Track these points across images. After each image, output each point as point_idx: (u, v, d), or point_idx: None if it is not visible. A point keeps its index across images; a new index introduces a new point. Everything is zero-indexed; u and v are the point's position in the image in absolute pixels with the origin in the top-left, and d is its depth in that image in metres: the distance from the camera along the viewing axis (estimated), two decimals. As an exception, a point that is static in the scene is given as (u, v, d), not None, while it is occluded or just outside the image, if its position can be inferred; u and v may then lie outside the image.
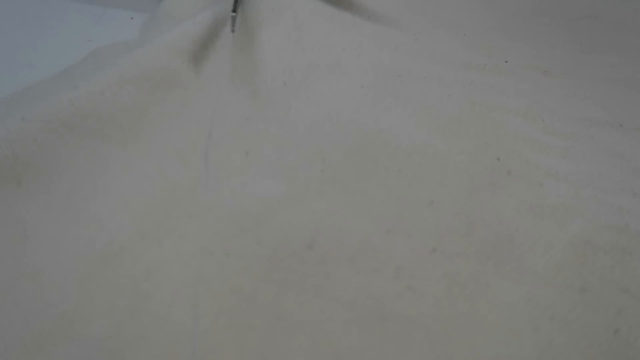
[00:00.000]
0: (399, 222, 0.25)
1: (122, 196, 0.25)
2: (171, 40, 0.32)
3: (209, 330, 0.21)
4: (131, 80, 0.29)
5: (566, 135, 0.31)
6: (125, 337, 0.20)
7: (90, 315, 0.21)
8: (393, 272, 0.23)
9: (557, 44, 0.40)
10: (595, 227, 0.26)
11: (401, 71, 0.34)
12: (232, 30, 0.34)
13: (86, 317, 0.21)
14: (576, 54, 0.39)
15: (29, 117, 0.26)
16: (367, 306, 0.22)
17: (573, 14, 0.43)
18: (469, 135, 0.30)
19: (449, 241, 0.24)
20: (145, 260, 0.23)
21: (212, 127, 0.29)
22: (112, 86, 0.28)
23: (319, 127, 0.29)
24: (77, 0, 0.43)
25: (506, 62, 0.37)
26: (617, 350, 0.21)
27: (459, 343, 0.21)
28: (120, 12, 0.42)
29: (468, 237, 0.25)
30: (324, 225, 0.24)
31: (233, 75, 0.32)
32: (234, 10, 0.34)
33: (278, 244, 0.24)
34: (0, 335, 0.20)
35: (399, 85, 0.33)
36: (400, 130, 0.29)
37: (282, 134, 0.29)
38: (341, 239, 0.24)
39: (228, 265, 0.23)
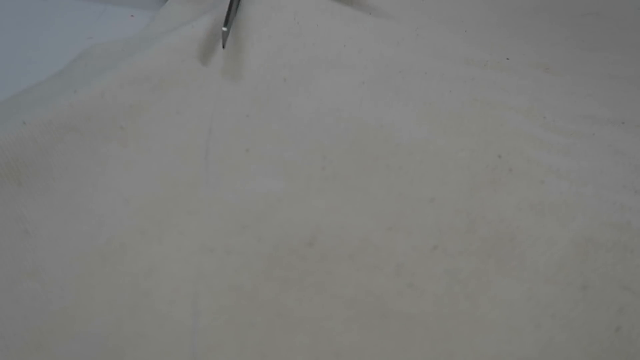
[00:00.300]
0: (399, 219, 0.25)
1: (122, 193, 0.25)
2: (170, 42, 0.32)
3: (209, 327, 0.21)
4: (130, 81, 0.29)
5: (568, 133, 0.31)
6: (125, 334, 0.20)
7: (90, 312, 0.21)
8: (394, 270, 0.23)
9: (559, 41, 0.40)
10: (597, 224, 0.26)
11: (402, 67, 0.34)
12: (223, 47, 0.32)
13: (86, 315, 0.21)
14: (578, 51, 0.39)
15: (29, 120, 0.26)
16: (367, 304, 0.22)
17: (575, 11, 0.43)
18: (470, 132, 0.30)
19: (450, 239, 0.24)
20: (145, 258, 0.23)
21: (212, 124, 0.29)
22: (111, 88, 0.28)
23: (319, 122, 0.29)
24: (78, -3, 0.43)
25: (508, 59, 0.37)
26: (619, 348, 0.21)
27: (459, 341, 0.21)
28: (120, 9, 0.42)
29: (469, 235, 0.25)
30: (325, 223, 0.24)
31: (233, 72, 0.32)
32: (226, 25, 0.32)
33: (278, 242, 0.24)
34: (0, 332, 0.20)
35: (400, 80, 0.33)
36: (401, 126, 0.29)
37: (283, 130, 0.29)
38: (342, 236, 0.24)
39: (228, 263, 0.23)
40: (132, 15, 0.41)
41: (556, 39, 0.40)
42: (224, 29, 0.32)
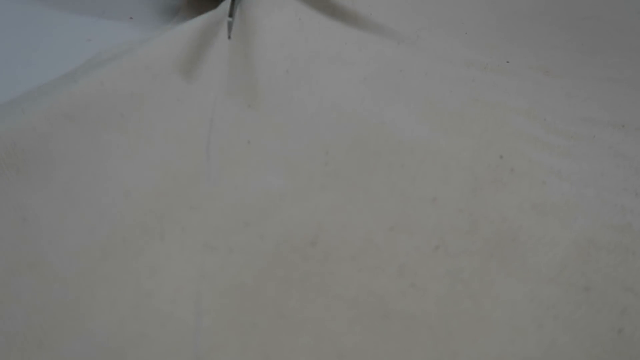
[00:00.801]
0: (402, 219, 0.25)
1: (122, 183, 0.25)
2: (171, 33, 0.32)
3: (211, 327, 0.21)
4: (131, 70, 0.29)
5: (568, 135, 0.31)
6: (127, 334, 0.20)
7: (92, 311, 0.21)
8: (396, 270, 0.23)
9: (559, 44, 0.40)
10: (599, 226, 0.26)
11: (403, 66, 0.34)
12: (229, 37, 0.32)
13: (88, 313, 0.21)
14: (578, 54, 0.39)
15: (28, 108, 0.25)
16: (370, 304, 0.22)
17: (575, 15, 0.43)
18: (471, 132, 0.30)
19: (452, 238, 0.24)
20: (147, 256, 0.23)
21: (213, 114, 0.28)
22: (111, 77, 0.28)
23: (321, 117, 0.29)
24: (77, -1, 0.43)
25: (508, 62, 0.37)
26: (621, 350, 0.21)
27: (462, 341, 0.21)
28: (119, 11, 0.42)
29: (471, 235, 0.25)
30: (327, 222, 0.24)
31: (235, 63, 0.32)
32: (231, 15, 0.32)
33: (281, 240, 0.23)
34: (1, 329, 0.20)
35: (400, 79, 0.33)
36: (403, 124, 0.29)
37: (285, 123, 0.29)
38: (344, 236, 0.24)
39: (231, 261, 0.23)
40: (131, 18, 0.41)
41: (556, 42, 0.40)
42: (229, 19, 0.32)
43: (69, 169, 0.25)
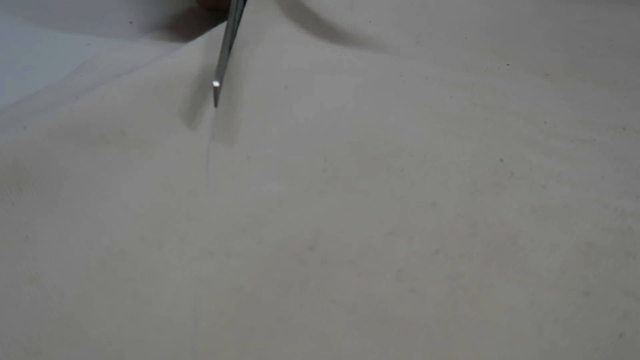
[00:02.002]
0: (401, 223, 0.25)
1: (122, 199, 0.25)
2: (174, 55, 0.32)
3: (209, 331, 0.20)
4: (131, 86, 0.29)
5: (568, 138, 0.31)
6: (125, 340, 0.20)
7: (90, 319, 0.21)
8: (395, 275, 0.23)
9: (558, 47, 0.40)
10: (599, 229, 0.26)
11: (402, 72, 0.34)
12: (215, 105, 0.28)
13: (86, 321, 0.21)
14: (578, 57, 0.39)
15: (30, 125, 0.26)
16: (368, 309, 0.22)
17: (575, 18, 0.43)
18: (471, 136, 0.30)
19: (451, 243, 0.24)
20: (145, 264, 0.22)
21: (214, 129, 0.28)
22: (112, 91, 0.28)
23: (320, 124, 0.29)
24: (76, 4, 0.43)
25: (508, 65, 0.37)
26: (622, 354, 0.21)
27: (462, 345, 0.21)
28: (119, 16, 0.42)
29: (471, 239, 0.25)
30: (326, 227, 0.24)
31: (235, 75, 0.32)
32: (218, 80, 0.27)
33: (279, 245, 0.23)
34: None
35: (400, 85, 0.33)
36: (402, 128, 0.29)
37: (284, 134, 0.29)
38: (343, 240, 0.24)
39: (228, 266, 0.23)
40: (130, 22, 0.41)
41: (556, 45, 0.41)
42: (216, 83, 0.27)
43: (70, 186, 0.25)
